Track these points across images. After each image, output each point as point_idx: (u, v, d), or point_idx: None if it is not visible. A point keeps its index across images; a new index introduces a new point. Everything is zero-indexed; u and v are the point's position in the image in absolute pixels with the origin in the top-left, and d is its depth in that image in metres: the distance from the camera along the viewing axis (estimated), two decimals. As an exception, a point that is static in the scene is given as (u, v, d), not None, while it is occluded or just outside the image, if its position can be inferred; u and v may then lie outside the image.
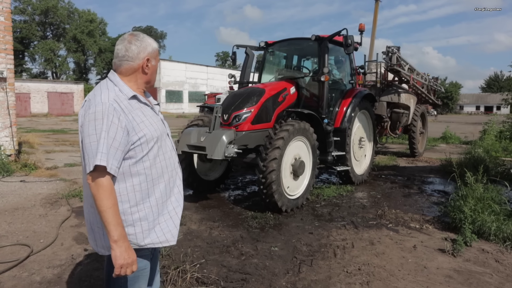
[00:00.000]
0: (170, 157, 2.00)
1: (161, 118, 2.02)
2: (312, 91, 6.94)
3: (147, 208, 1.87)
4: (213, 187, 6.89)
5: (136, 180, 1.83)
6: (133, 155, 1.81)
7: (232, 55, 7.66)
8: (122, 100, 1.80)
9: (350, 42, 6.37)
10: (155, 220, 1.90)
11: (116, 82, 1.88)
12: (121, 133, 1.73)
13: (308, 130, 5.87)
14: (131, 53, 1.89)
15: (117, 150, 1.72)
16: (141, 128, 1.81)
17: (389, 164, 10.30)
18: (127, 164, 1.80)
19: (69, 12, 67.00)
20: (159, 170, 1.91)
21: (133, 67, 1.90)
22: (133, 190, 1.82)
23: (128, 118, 1.77)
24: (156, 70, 2.01)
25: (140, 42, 1.91)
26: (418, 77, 11.28)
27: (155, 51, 1.97)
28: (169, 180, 1.98)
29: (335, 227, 5.07)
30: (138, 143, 1.80)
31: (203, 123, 6.43)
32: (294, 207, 5.71)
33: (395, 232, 4.89)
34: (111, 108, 1.73)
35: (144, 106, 1.90)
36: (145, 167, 1.84)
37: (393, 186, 7.63)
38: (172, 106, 52.03)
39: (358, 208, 6.01)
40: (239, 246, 4.27)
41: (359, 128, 7.79)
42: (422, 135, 12.27)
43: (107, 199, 1.69)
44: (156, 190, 1.90)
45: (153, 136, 1.85)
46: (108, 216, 1.69)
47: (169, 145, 2.02)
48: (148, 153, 1.85)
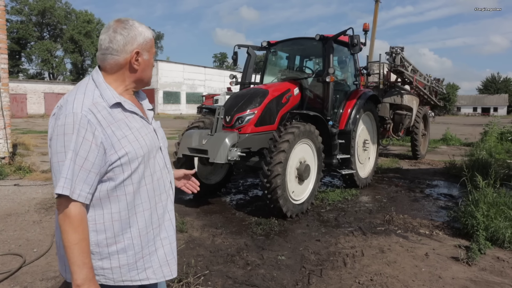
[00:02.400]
0: (160, 177, 1.65)
1: (154, 128, 1.68)
2: (316, 92, 6.76)
3: (127, 239, 1.54)
4: (214, 191, 6.68)
5: (115, 207, 1.50)
6: (112, 177, 1.47)
7: (233, 55, 7.46)
8: (100, 110, 1.46)
9: (356, 42, 6.20)
10: (137, 254, 1.56)
11: (98, 83, 1.53)
12: (95, 152, 1.41)
13: (313, 133, 5.68)
14: (116, 44, 1.52)
15: (90, 172, 1.40)
16: (122, 145, 1.47)
17: (391, 166, 10.12)
18: (104, 188, 1.47)
19: (66, 13, 66.65)
20: (144, 195, 1.57)
21: (119, 63, 1.54)
22: (110, 219, 1.50)
23: (106, 132, 1.44)
24: (150, 65, 1.64)
25: (127, 30, 1.54)
26: (420, 78, 11.12)
27: (147, 42, 1.59)
28: (157, 206, 1.63)
29: (342, 233, 4.87)
30: (118, 163, 1.47)
31: (204, 125, 6.22)
32: (299, 213, 5.51)
33: (405, 239, 4.70)
34: (84, 120, 1.40)
35: (130, 116, 1.55)
36: (126, 192, 1.51)
37: (398, 190, 7.44)
38: (170, 107, 51.76)
39: (365, 213, 5.82)
40: (244, 255, 4.07)
41: (363, 130, 7.61)
42: (424, 137, 12.11)
43: (73, 232, 1.38)
44: (139, 219, 1.57)
45: (137, 155, 1.51)
46: (73, 254, 1.38)
47: (160, 162, 1.66)
48: (131, 176, 1.51)
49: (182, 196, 6.59)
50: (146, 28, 1.61)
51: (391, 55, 9.37)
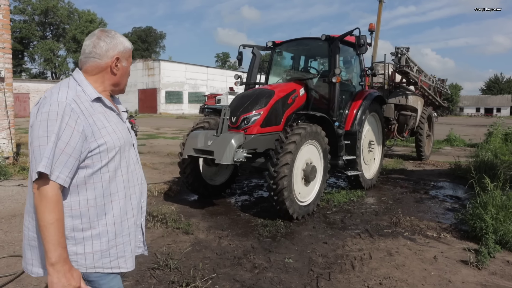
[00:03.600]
0: (134, 170, 1.78)
1: (128, 127, 1.82)
2: (321, 93, 6.71)
3: (102, 226, 1.62)
4: (218, 192, 6.64)
5: (91, 194, 1.59)
6: (90, 164, 1.58)
7: (238, 55, 7.41)
8: (83, 101, 1.59)
9: (363, 42, 6.15)
10: (111, 241, 1.65)
11: (79, 81, 1.66)
12: (76, 138, 1.51)
13: (320, 134, 5.64)
14: (99, 49, 1.68)
15: (70, 156, 1.49)
16: (102, 134, 1.59)
17: (396, 167, 10.06)
18: (82, 174, 1.57)
19: (69, 12, 66.75)
20: (120, 185, 1.68)
21: (100, 66, 1.69)
22: (86, 205, 1.58)
23: (88, 121, 1.56)
24: (127, 73, 1.80)
25: (110, 39, 1.71)
26: (425, 79, 11.06)
27: (127, 51, 1.76)
28: (131, 197, 1.75)
29: (349, 236, 4.82)
30: (97, 151, 1.58)
31: (210, 125, 6.18)
32: (305, 214, 5.46)
33: (412, 242, 4.65)
34: (68, 108, 1.52)
35: (108, 111, 1.69)
36: (103, 179, 1.62)
37: (404, 191, 7.39)
38: (172, 107, 51.77)
39: (371, 215, 5.77)
40: (251, 258, 4.03)
41: (369, 131, 7.56)
42: (429, 138, 12.05)
43: (50, 212, 1.45)
44: (115, 207, 1.66)
45: (115, 145, 1.64)
46: (49, 232, 1.45)
47: (133, 157, 1.79)
48: (108, 164, 1.62)
49: (186, 197, 6.56)
50: (126, 40, 1.78)
51: (396, 55, 9.31)
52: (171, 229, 4.78)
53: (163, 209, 5.28)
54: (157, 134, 19.21)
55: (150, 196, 6.41)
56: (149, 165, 9.30)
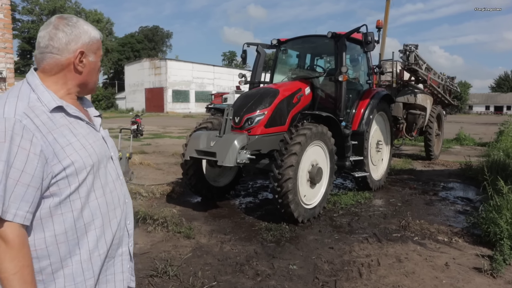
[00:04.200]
0: (113, 190, 1.44)
1: (103, 136, 1.49)
2: (328, 92, 6.53)
3: (76, 263, 1.30)
4: (222, 194, 6.49)
5: (60, 228, 1.26)
6: (56, 191, 1.26)
7: (242, 53, 7.25)
8: (38, 114, 1.25)
9: (370, 40, 5.96)
10: (88, 280, 1.34)
11: (34, 86, 1.32)
12: (34, 163, 1.19)
13: (326, 134, 5.46)
14: (57, 42, 1.33)
15: (28, 187, 1.18)
16: (67, 153, 1.26)
17: (405, 167, 9.84)
18: (47, 205, 1.24)
19: (76, 12, 67.03)
20: (95, 211, 1.35)
21: (60, 63, 1.34)
22: (55, 241, 1.26)
23: (47, 139, 1.23)
24: (97, 68, 1.47)
25: (71, 28, 1.35)
26: (435, 77, 10.81)
27: (93, 42, 1.41)
28: (111, 223, 1.41)
29: (356, 240, 4.65)
30: (63, 174, 1.25)
31: (213, 125, 6.04)
32: (311, 217, 5.29)
33: (422, 247, 4.47)
34: (19, 126, 1.18)
35: (74, 121, 1.35)
36: (73, 208, 1.29)
37: (413, 193, 7.18)
38: (179, 106, 51.80)
39: (379, 218, 5.59)
40: (254, 264, 3.87)
41: (377, 131, 7.36)
42: (438, 137, 11.79)
43: (11, 260, 1.14)
44: (90, 238, 1.34)
45: (85, 164, 1.30)
46: (12, 285, 1.14)
47: (112, 173, 1.46)
48: (78, 188, 1.30)
49: (189, 199, 6.42)
50: (93, 28, 1.43)
51: (404, 53, 9.08)
52: (172, 233, 4.64)
53: (165, 212, 5.15)
54: (163, 134, 19.13)
55: (153, 198, 6.29)
56: (153, 166, 9.18)
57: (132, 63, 57.02)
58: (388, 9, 20.16)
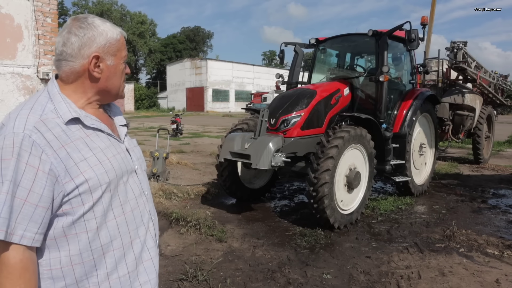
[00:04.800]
0: (135, 207, 1.32)
1: (127, 147, 1.36)
2: (368, 93, 6.27)
3: (93, 286, 1.21)
4: (257, 196, 6.41)
5: (74, 248, 1.17)
6: (69, 210, 1.16)
7: (279, 53, 7.12)
8: (51, 127, 1.15)
9: (414, 37, 5.65)
10: None
11: (52, 94, 1.22)
12: (43, 181, 1.09)
13: (365, 137, 5.23)
14: (70, 48, 1.21)
15: (37, 207, 1.09)
16: (80, 170, 1.16)
17: (450, 171, 9.32)
18: (60, 224, 1.15)
19: (121, 15, 69.57)
20: (113, 231, 1.24)
21: (76, 70, 1.23)
22: (69, 262, 1.17)
23: (59, 156, 1.13)
24: (119, 72, 1.32)
25: (84, 30, 1.22)
26: (485, 75, 10.15)
27: (112, 43, 1.27)
28: (133, 244, 1.30)
29: (396, 250, 4.40)
30: (75, 192, 1.15)
31: (248, 127, 5.96)
32: (348, 224, 5.09)
33: (469, 260, 4.15)
34: (27, 141, 1.09)
35: (93, 133, 1.24)
36: (88, 228, 1.19)
37: (459, 199, 6.76)
38: (219, 105, 52.39)
39: (421, 226, 5.28)
40: (286, 272, 3.75)
41: (420, 133, 7.00)
42: (488, 139, 11.10)
43: (12, 285, 1.06)
44: (108, 260, 1.23)
45: (100, 182, 1.19)
46: None
47: (135, 189, 1.33)
48: (93, 208, 1.19)
49: (224, 201, 6.38)
50: (111, 27, 1.28)
51: (452, 50, 8.57)
52: (204, 236, 4.61)
53: (198, 214, 5.13)
54: (202, 133, 19.36)
55: (187, 198, 6.31)
56: (190, 165, 9.26)
57: (173, 63, 58.31)
58: (434, 4, 19.27)
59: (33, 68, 7.86)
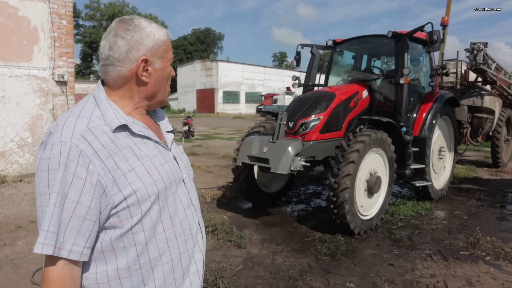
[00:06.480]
0: (184, 219, 1.26)
1: (174, 155, 1.30)
2: (387, 95, 6.15)
3: None
4: (274, 200, 6.32)
5: (122, 262, 1.13)
6: (117, 223, 1.11)
7: (296, 55, 7.03)
8: (98, 136, 1.10)
9: (436, 39, 5.51)
10: None
11: (99, 101, 1.17)
12: (90, 193, 1.05)
13: (385, 141, 5.11)
14: (117, 52, 1.16)
15: (84, 220, 1.05)
16: (128, 180, 1.10)
17: (469, 175, 9.11)
18: (107, 237, 1.11)
19: (133, 17, 70.26)
20: (162, 245, 1.19)
21: (123, 75, 1.18)
22: (117, 276, 1.13)
23: (106, 166, 1.08)
24: (166, 75, 1.27)
25: (131, 32, 1.16)
26: (505, 77, 9.93)
27: (159, 45, 1.21)
28: (181, 258, 1.25)
29: (419, 257, 4.28)
30: (123, 204, 1.10)
31: (265, 130, 5.88)
32: (368, 229, 4.97)
33: (496, 269, 4.01)
34: (75, 151, 1.04)
35: (141, 141, 1.19)
36: (137, 242, 1.14)
37: (480, 204, 6.58)
38: (229, 106, 52.40)
39: (443, 232, 5.14)
40: (308, 280, 3.65)
41: (439, 137, 6.85)
42: (507, 142, 10.85)
43: None
44: (157, 275, 1.18)
45: (149, 193, 1.14)
46: None
47: (183, 200, 1.28)
48: (142, 220, 1.14)
49: (240, 205, 6.31)
50: (158, 28, 1.22)
51: (472, 52, 8.39)
52: (223, 242, 4.53)
53: (215, 219, 5.05)
54: (214, 135, 19.34)
55: (203, 202, 6.24)
56: (204, 168, 9.21)
57: (184, 65, 58.51)
58: (450, 4, 18.98)
59: (48, 70, 7.89)
